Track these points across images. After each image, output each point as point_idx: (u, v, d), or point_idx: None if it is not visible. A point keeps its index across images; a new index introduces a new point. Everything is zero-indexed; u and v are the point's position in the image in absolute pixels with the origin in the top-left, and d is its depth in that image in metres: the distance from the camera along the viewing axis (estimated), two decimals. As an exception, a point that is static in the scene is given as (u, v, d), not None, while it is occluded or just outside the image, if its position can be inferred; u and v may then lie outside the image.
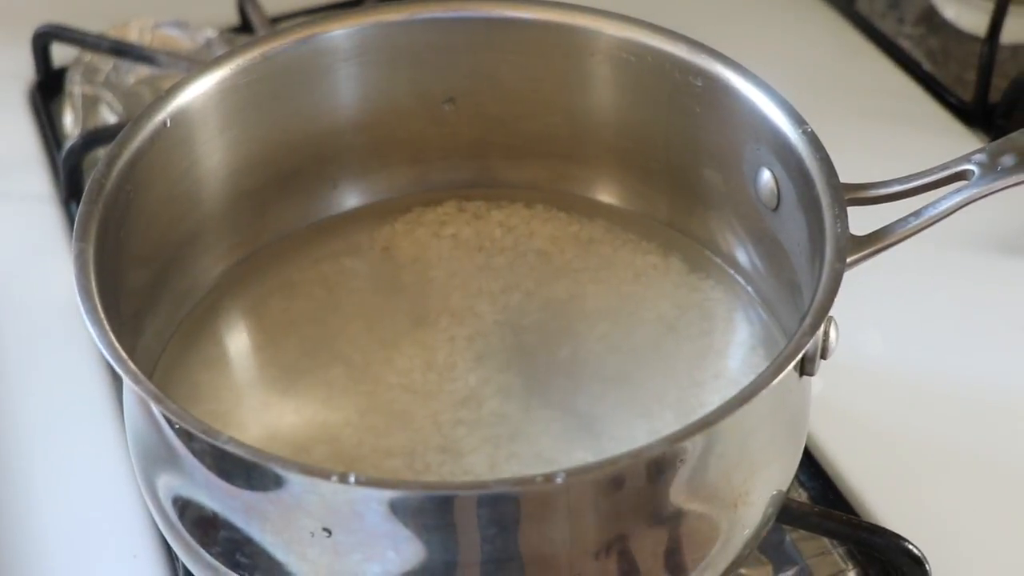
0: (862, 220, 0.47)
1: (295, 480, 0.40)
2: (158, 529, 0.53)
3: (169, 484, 0.45)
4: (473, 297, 0.56)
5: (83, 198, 0.47)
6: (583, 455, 0.50)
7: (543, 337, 0.54)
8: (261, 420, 0.52)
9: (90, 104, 0.76)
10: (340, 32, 0.55)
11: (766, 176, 0.51)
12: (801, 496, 0.56)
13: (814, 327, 0.42)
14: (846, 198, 0.46)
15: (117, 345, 0.42)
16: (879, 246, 0.46)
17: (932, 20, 0.82)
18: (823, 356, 0.45)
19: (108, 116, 0.75)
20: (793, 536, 0.54)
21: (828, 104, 0.56)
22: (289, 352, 0.54)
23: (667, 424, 0.51)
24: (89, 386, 0.61)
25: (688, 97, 0.53)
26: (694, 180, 0.55)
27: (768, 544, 0.54)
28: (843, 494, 0.56)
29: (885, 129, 0.75)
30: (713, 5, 0.82)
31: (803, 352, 0.42)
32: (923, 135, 0.74)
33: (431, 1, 0.55)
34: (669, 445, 0.40)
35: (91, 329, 0.42)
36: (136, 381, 0.41)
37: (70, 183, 0.70)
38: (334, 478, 0.38)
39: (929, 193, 0.48)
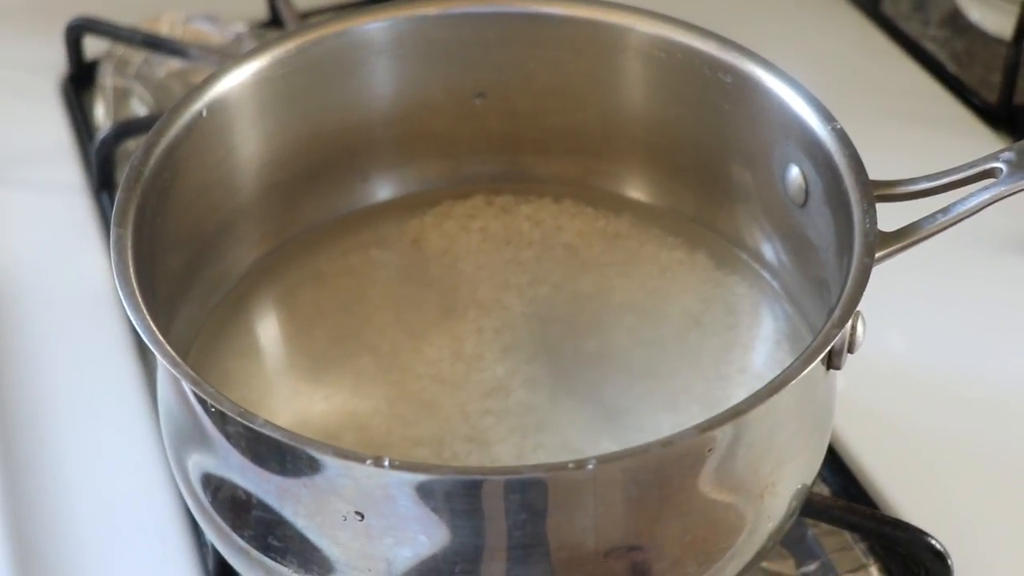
0: (889, 217, 0.47)
1: (329, 463, 0.40)
2: (186, 514, 0.54)
3: (202, 467, 0.45)
4: (501, 290, 0.56)
5: (121, 184, 0.47)
6: (609, 446, 0.50)
7: (570, 330, 0.55)
8: (291, 408, 0.53)
9: (121, 96, 0.76)
10: (374, 25, 0.55)
11: (794, 172, 0.52)
12: (823, 491, 0.56)
13: (843, 320, 0.42)
14: (874, 194, 0.46)
15: (154, 328, 0.42)
16: (907, 242, 0.46)
17: (957, 22, 0.83)
18: (850, 350, 0.46)
19: (139, 108, 0.76)
20: (815, 531, 0.55)
21: (853, 105, 0.56)
22: (318, 341, 0.55)
23: (693, 417, 0.51)
24: (119, 372, 0.61)
25: (717, 94, 0.53)
26: (722, 176, 0.56)
27: (790, 538, 0.54)
28: (865, 489, 0.56)
29: (910, 130, 0.75)
30: (739, 5, 0.83)
31: (831, 345, 0.42)
32: (948, 137, 0.74)
33: (464, -5, 0.56)
34: (699, 434, 0.40)
35: (130, 312, 0.43)
36: (173, 364, 0.42)
37: (102, 174, 0.70)
38: (369, 462, 0.39)
39: (957, 191, 0.48)
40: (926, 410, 0.59)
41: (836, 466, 0.57)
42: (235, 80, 0.52)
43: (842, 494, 0.56)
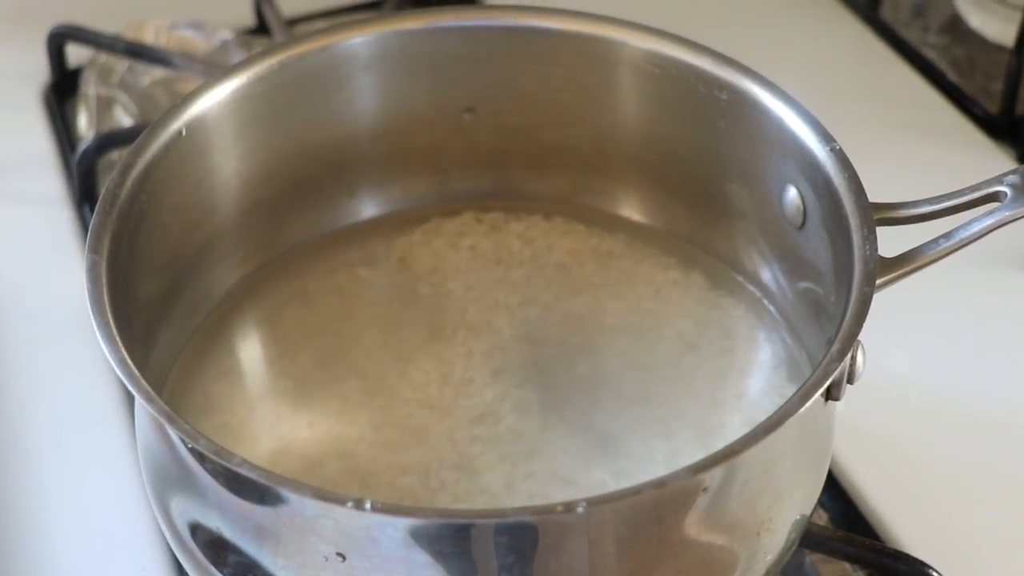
0: (888, 239, 0.46)
1: (309, 504, 0.39)
2: (167, 543, 0.53)
3: (181, 503, 0.44)
4: (490, 310, 0.55)
5: (96, 208, 0.46)
6: (600, 474, 0.49)
7: (561, 352, 0.53)
8: (274, 433, 0.51)
9: (105, 105, 0.75)
10: (358, 40, 0.54)
11: (792, 193, 0.50)
12: (822, 517, 0.55)
13: (842, 353, 0.41)
14: (875, 218, 0.45)
15: (130, 362, 0.41)
16: (908, 268, 0.45)
17: (957, 29, 0.81)
18: (850, 381, 0.44)
19: (123, 118, 0.74)
20: (813, 558, 0.53)
21: (850, 114, 0.55)
22: (303, 364, 0.53)
23: (686, 444, 0.50)
24: (101, 393, 0.60)
25: (713, 111, 0.52)
26: (717, 195, 0.55)
27: (788, 566, 0.52)
28: (864, 516, 0.55)
29: (908, 141, 0.73)
30: (735, 13, 0.81)
31: (831, 379, 0.41)
32: (948, 148, 0.73)
33: (450, 9, 0.55)
34: (692, 475, 0.39)
35: (103, 346, 0.41)
36: (148, 400, 0.40)
37: (84, 185, 0.69)
38: (349, 504, 0.37)
39: (960, 214, 0.47)
40: (927, 434, 0.58)
41: (835, 492, 0.56)
42: (215, 98, 0.51)
43: (841, 521, 0.55)
